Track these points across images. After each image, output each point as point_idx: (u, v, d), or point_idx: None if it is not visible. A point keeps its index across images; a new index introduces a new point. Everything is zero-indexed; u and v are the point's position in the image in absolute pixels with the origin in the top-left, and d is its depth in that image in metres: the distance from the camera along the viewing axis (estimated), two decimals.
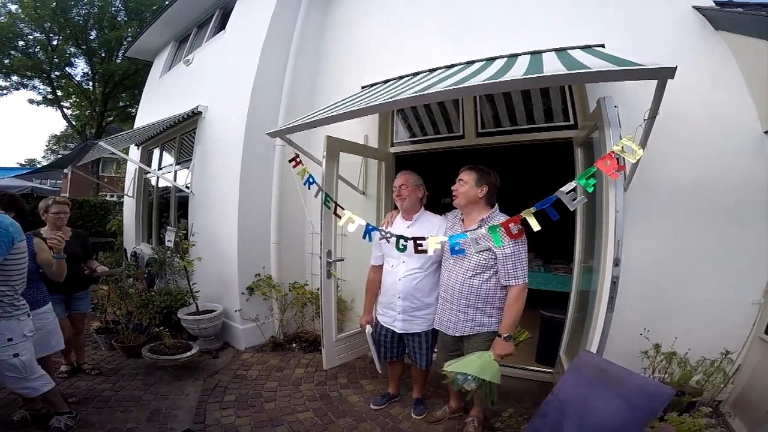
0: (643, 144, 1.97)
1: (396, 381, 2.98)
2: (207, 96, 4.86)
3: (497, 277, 2.23)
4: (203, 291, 4.13)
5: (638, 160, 1.91)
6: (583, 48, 2.65)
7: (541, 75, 1.89)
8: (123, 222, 7.34)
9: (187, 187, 4.84)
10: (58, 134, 24.52)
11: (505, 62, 2.64)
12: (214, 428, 2.65)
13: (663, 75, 1.73)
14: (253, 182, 4.06)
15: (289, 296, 4.09)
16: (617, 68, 1.79)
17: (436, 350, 2.65)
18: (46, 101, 16.45)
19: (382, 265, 2.73)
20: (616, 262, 1.99)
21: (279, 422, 2.72)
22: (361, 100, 2.80)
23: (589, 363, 1.90)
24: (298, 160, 3.00)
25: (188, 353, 3.44)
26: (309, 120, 2.85)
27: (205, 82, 5.17)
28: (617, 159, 1.86)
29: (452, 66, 3.01)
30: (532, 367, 3.34)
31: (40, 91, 16.22)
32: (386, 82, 3.41)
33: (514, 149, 3.56)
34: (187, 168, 5.06)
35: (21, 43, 14.70)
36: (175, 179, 5.43)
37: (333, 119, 2.63)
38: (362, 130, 3.86)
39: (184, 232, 4.18)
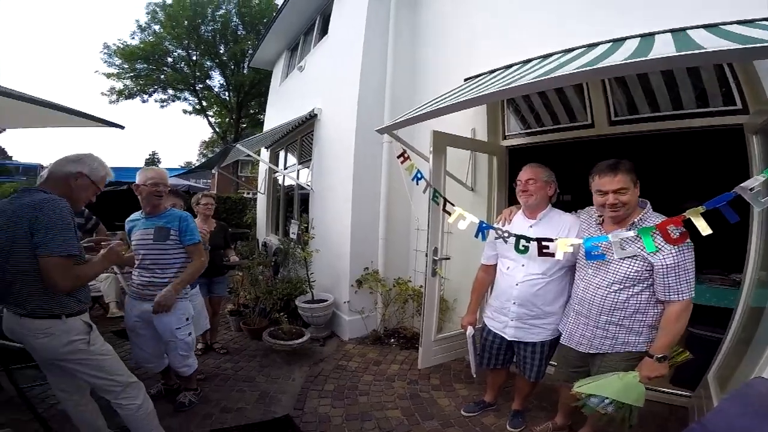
0: None
1: (495, 389, 2.79)
2: (320, 99, 5.19)
3: (651, 291, 1.86)
4: (318, 281, 4.43)
5: None
6: (742, 23, 2.08)
7: (720, 49, 1.50)
8: (256, 216, 8.36)
9: (308, 185, 5.25)
10: (207, 140, 29.03)
11: (639, 43, 2.21)
12: (310, 416, 2.77)
13: None
14: (364, 179, 4.20)
15: (392, 291, 4.15)
16: None
17: (553, 363, 2.39)
18: (196, 111, 19.32)
19: (494, 265, 2.55)
20: None
21: (368, 417, 2.75)
22: (469, 91, 2.64)
23: (763, 392, 1.48)
24: (405, 155, 2.98)
25: (300, 340, 3.68)
26: (416, 114, 2.80)
27: (317, 86, 5.51)
28: None
29: (570, 50, 2.64)
30: (665, 389, 2.83)
31: (190, 102, 19.10)
32: (492, 72, 3.18)
33: (653, 139, 3.02)
34: (308, 167, 5.50)
35: (169, 59, 17.50)
36: (297, 177, 5.96)
37: (441, 111, 2.53)
38: (469, 124, 3.70)
39: (306, 225, 4.54)
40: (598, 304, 1.98)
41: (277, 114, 7.66)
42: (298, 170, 6.14)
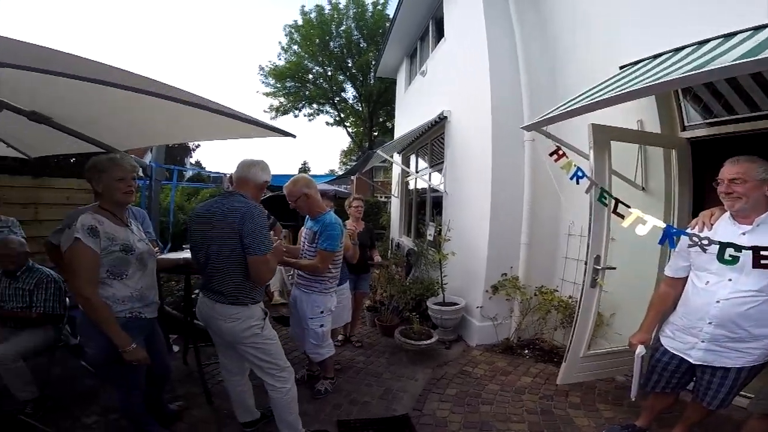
0: None
1: (652, 414, 2.39)
2: (448, 101, 5.16)
3: None
4: (450, 284, 4.36)
5: None
6: None
7: None
8: (390, 218, 8.76)
9: (441, 188, 5.27)
10: (345, 149, 31.55)
11: None
12: (427, 418, 2.73)
13: None
14: (504, 180, 4.02)
15: (533, 300, 3.88)
16: None
17: (747, 395, 1.99)
18: (336, 122, 20.91)
19: (683, 278, 2.14)
20: None
21: (489, 427, 2.62)
22: (638, 78, 2.26)
23: None
24: (560, 152, 2.73)
25: (428, 341, 3.67)
26: (576, 106, 2.47)
27: (442, 89, 5.49)
28: None
29: (762, 27, 2.05)
30: None
31: (331, 114, 20.73)
32: (656, 57, 2.69)
33: None
34: (439, 170, 5.53)
35: (310, 76, 19.26)
36: (429, 180, 6.04)
37: (612, 101, 2.18)
38: (632, 116, 3.21)
39: (440, 228, 4.56)
40: None
41: (406, 119, 7.92)
42: (430, 173, 6.19)
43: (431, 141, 6.07)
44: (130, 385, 2.10)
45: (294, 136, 2.66)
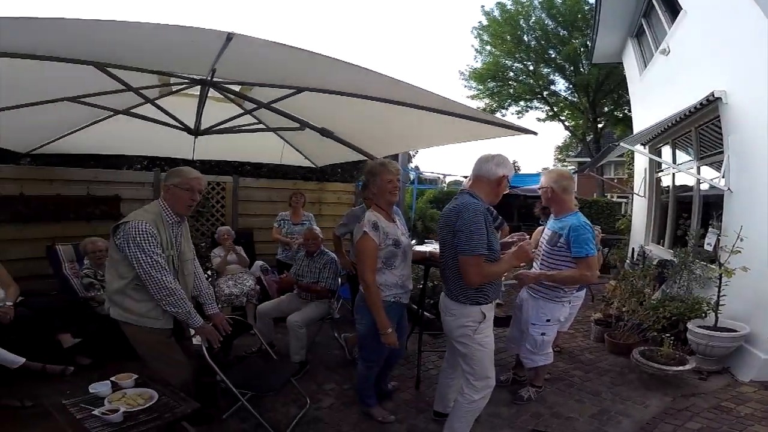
0: None
1: None
2: (713, 81, 4.23)
3: None
4: (725, 305, 3.50)
5: None
6: None
7: None
8: (632, 221, 7.63)
9: (720, 185, 4.21)
10: (560, 144, 29.13)
11: None
12: None
13: None
14: None
15: None
16: None
17: None
18: (549, 117, 19.55)
19: None
20: None
21: None
22: None
23: None
24: None
25: (680, 368, 3.12)
26: None
27: (699, 67, 4.69)
28: None
29: None
30: None
31: (542, 109, 19.50)
32: None
33: None
34: (708, 163, 4.57)
35: (511, 73, 18.44)
36: (699, 175, 4.99)
37: None
38: None
39: (721, 236, 3.72)
40: None
41: (647, 106, 6.88)
42: (698, 166, 5.07)
43: (697, 128, 5.00)
44: (374, 361, 2.42)
45: (535, 134, 2.57)
